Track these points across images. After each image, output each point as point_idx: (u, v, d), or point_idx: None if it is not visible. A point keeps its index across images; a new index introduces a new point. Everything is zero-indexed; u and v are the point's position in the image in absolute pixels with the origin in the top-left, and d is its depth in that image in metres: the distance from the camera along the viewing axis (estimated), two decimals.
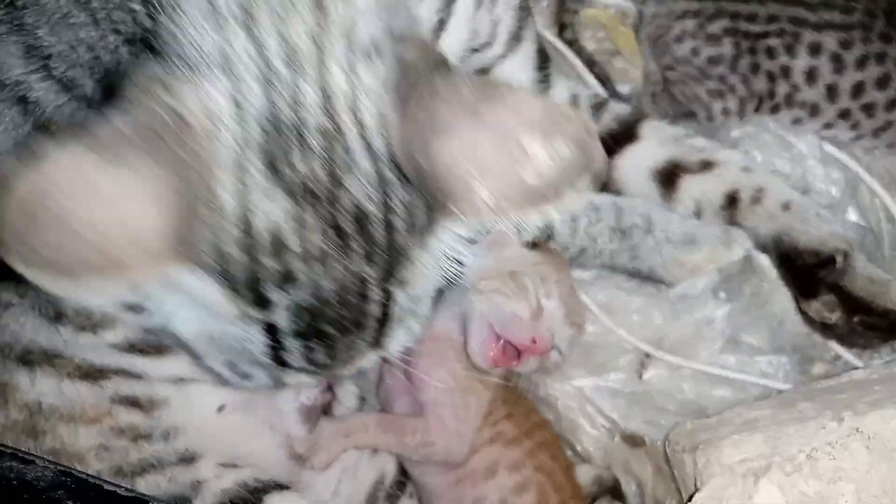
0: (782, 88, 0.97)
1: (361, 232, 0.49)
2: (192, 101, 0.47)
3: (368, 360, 0.57)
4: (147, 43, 0.53)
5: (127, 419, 0.75)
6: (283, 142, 0.48)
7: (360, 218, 0.49)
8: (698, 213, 0.92)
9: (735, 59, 0.98)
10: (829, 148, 0.97)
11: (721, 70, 0.99)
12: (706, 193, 0.91)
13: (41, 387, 0.73)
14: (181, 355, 0.78)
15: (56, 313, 0.74)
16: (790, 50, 0.96)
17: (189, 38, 0.49)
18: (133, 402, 0.76)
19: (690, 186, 0.91)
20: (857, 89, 0.95)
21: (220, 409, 0.80)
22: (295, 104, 0.48)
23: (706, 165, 0.91)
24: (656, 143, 0.94)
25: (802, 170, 0.96)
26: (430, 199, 0.48)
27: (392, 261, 0.50)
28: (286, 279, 0.49)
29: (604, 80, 1.05)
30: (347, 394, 0.90)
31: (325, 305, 0.50)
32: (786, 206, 0.88)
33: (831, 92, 0.96)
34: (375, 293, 0.51)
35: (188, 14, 0.49)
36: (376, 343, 0.55)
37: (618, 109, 0.97)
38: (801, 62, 0.96)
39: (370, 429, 0.84)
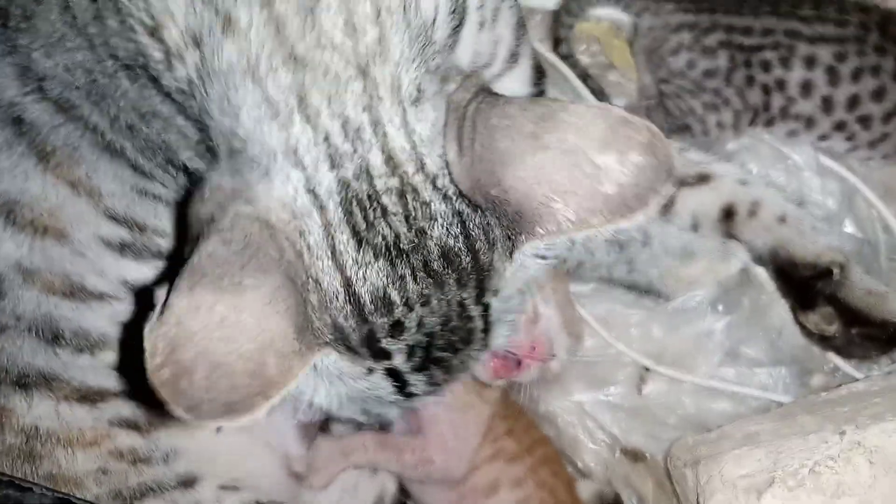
0: (777, 101, 0.98)
1: (451, 265, 0.51)
2: (272, 203, 0.49)
3: (480, 360, 0.59)
4: (211, 150, 0.56)
5: (126, 442, 0.75)
6: (362, 213, 0.50)
7: (447, 254, 0.51)
8: (695, 227, 0.92)
9: (730, 72, 0.99)
10: (825, 160, 0.97)
11: (716, 83, 0.99)
12: (703, 206, 0.91)
13: (38, 410, 0.73)
14: None
15: (53, 335, 0.73)
16: (785, 63, 0.97)
17: (253, 136, 0.50)
18: (132, 425, 0.76)
19: (687, 200, 0.91)
20: (853, 101, 0.95)
21: (219, 429, 0.80)
22: (364, 175, 0.50)
23: (702, 179, 0.92)
24: None
25: (798, 182, 0.96)
26: (511, 224, 0.50)
27: (482, 279, 0.52)
28: (397, 329, 0.52)
29: (598, 93, 1.05)
30: None
31: (435, 338, 0.53)
32: (782, 219, 0.88)
33: (826, 104, 0.96)
34: (474, 310, 0.54)
35: (248, 113, 0.50)
36: (484, 346, 0.57)
37: None
38: (797, 75, 0.96)
39: (369, 447, 0.84)
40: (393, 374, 0.55)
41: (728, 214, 0.90)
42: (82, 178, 0.72)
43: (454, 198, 0.51)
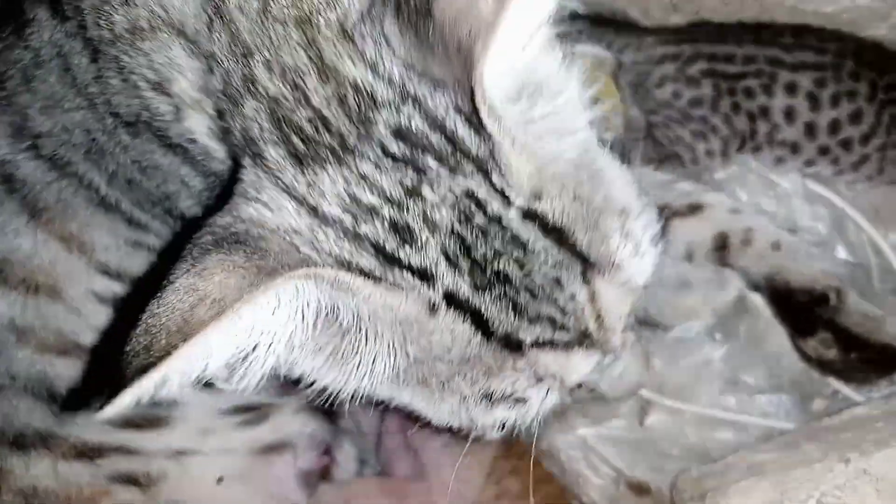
0: (763, 128, 0.99)
1: (411, 145, 0.51)
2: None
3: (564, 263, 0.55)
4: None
5: (126, 497, 0.74)
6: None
7: (403, 134, 0.50)
8: (689, 257, 0.93)
9: (715, 100, 1.00)
10: (813, 185, 0.98)
11: (703, 111, 1.01)
12: (696, 237, 0.92)
13: (36, 470, 0.72)
14: (178, 426, 0.77)
15: (50, 394, 0.73)
16: (767, 90, 0.98)
17: None
18: (131, 480, 0.75)
19: (680, 230, 0.92)
20: (834, 126, 0.97)
21: (220, 480, 0.79)
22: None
23: (694, 209, 0.92)
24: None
25: (788, 208, 0.97)
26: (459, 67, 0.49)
27: (481, 164, 0.51)
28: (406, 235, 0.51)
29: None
30: (347, 458, 0.88)
31: (466, 239, 0.51)
32: (776, 246, 0.89)
33: (810, 129, 0.98)
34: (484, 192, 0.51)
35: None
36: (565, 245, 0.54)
37: None
38: (779, 102, 0.98)
39: (371, 494, 0.83)
40: (457, 303, 0.51)
41: (721, 243, 0.91)
42: (74, 233, 0.72)
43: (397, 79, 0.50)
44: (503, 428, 0.59)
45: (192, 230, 0.73)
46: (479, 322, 0.52)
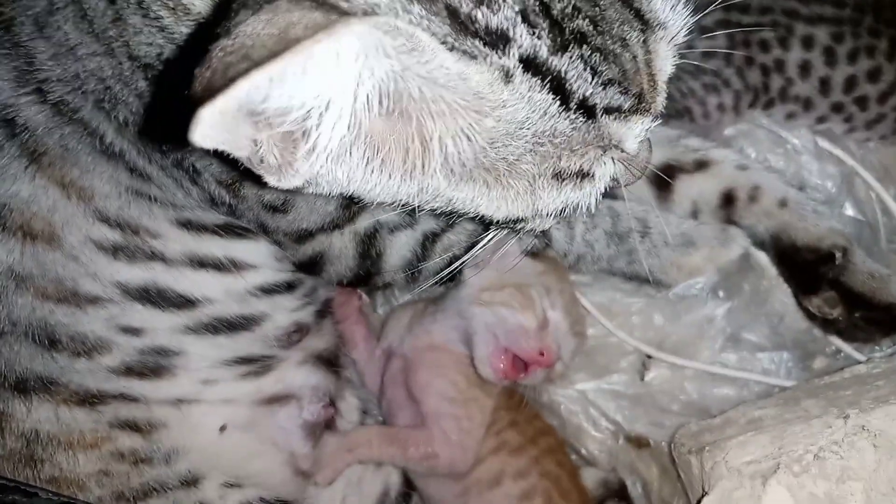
0: (776, 82, 0.97)
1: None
2: None
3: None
4: None
5: (127, 443, 0.74)
6: None
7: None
8: (695, 214, 0.92)
9: (729, 52, 0.98)
10: (824, 143, 0.97)
11: (716, 63, 0.98)
12: (702, 193, 0.91)
13: (37, 415, 0.72)
14: (180, 375, 0.77)
15: (50, 340, 0.72)
16: (783, 43, 0.96)
17: None
18: (132, 426, 0.75)
19: (686, 187, 0.91)
20: (850, 82, 0.95)
21: (222, 429, 0.79)
22: None
23: (701, 165, 0.91)
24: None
25: (797, 166, 0.95)
26: None
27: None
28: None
29: None
30: (350, 408, 0.89)
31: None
32: (783, 203, 0.88)
33: (824, 85, 0.95)
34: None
35: None
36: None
37: None
38: (795, 55, 0.95)
39: (373, 443, 0.84)
40: (534, 68, 0.47)
41: (728, 200, 0.90)
42: (74, 179, 0.71)
43: None
44: (562, 213, 0.56)
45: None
46: (557, 87, 0.48)
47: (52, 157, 0.70)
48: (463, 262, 0.75)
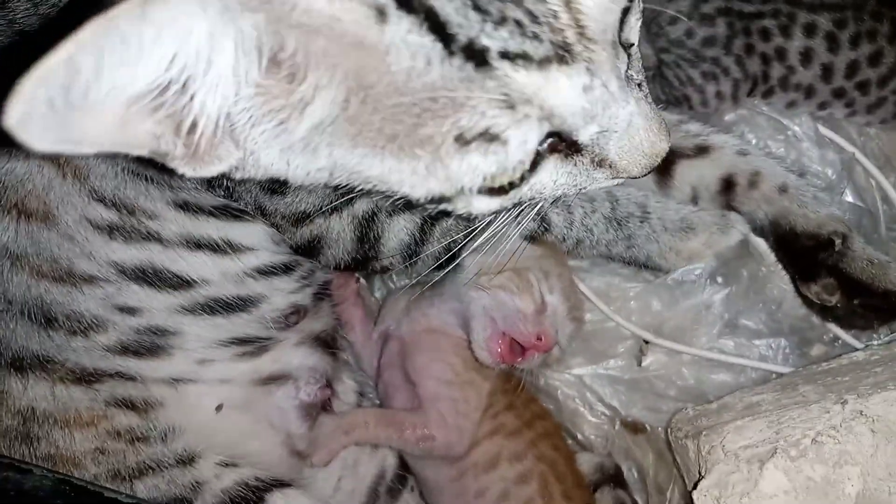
0: (777, 71, 0.96)
1: None
2: None
3: None
4: None
5: (123, 422, 0.74)
6: None
7: None
8: (694, 199, 0.91)
9: (729, 40, 0.97)
10: (824, 130, 0.96)
11: (715, 51, 0.98)
12: (702, 179, 0.90)
13: (34, 392, 0.72)
14: (177, 355, 0.77)
15: (46, 318, 0.72)
16: (785, 31, 0.95)
17: None
18: (129, 405, 0.75)
19: (686, 172, 0.91)
20: (852, 67, 0.94)
21: (219, 408, 0.79)
22: None
23: (701, 150, 0.90)
24: None
25: (797, 152, 0.95)
26: None
27: None
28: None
29: None
30: (346, 390, 0.89)
31: None
32: (783, 189, 0.88)
33: (826, 72, 0.95)
34: None
35: None
36: None
37: None
38: (797, 43, 0.95)
39: (370, 425, 0.84)
40: (407, 3, 0.42)
41: (728, 186, 0.89)
42: (69, 157, 0.71)
43: None
44: (492, 193, 0.49)
45: None
46: (436, 26, 0.43)
47: None
48: (461, 247, 0.75)
